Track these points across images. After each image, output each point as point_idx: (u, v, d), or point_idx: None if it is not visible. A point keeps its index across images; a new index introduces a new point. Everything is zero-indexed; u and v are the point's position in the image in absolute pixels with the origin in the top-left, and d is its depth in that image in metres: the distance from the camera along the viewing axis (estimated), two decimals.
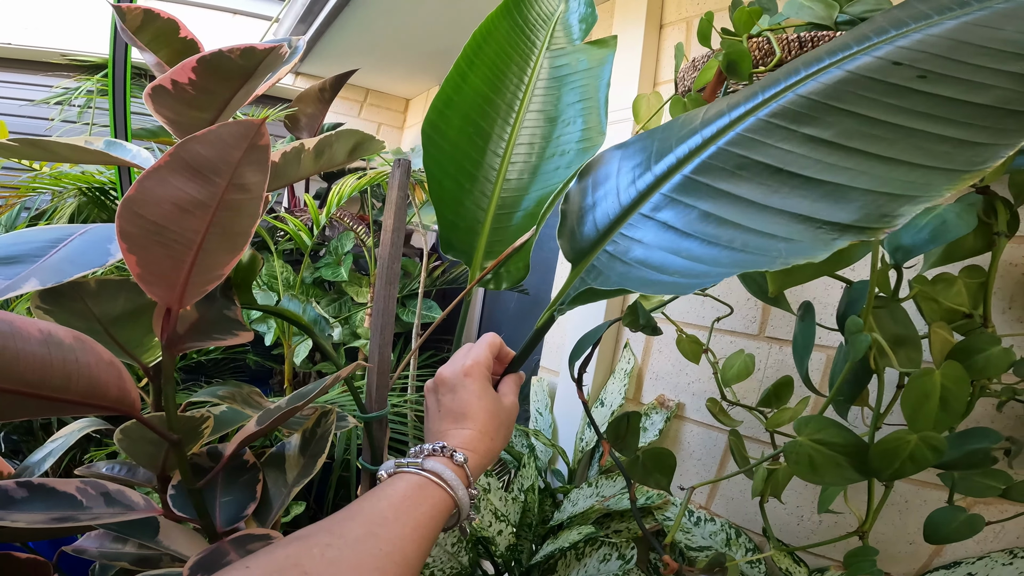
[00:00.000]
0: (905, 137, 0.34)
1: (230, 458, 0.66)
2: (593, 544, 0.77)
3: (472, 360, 0.52)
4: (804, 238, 0.34)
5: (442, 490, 0.42)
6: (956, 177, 0.32)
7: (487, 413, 0.49)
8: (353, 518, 0.37)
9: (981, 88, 0.34)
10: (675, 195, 0.42)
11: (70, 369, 0.44)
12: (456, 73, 0.72)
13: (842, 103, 0.37)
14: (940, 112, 0.34)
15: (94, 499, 0.53)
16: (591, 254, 0.47)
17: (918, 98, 0.35)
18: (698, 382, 0.98)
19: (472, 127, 0.73)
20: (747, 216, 0.37)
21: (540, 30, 0.80)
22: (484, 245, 0.70)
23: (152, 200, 0.48)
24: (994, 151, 0.32)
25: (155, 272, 0.50)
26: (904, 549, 0.73)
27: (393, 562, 0.35)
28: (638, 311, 0.64)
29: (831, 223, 0.34)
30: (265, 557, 0.33)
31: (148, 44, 0.72)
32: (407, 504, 0.39)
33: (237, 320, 0.69)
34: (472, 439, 0.47)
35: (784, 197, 0.36)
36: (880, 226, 0.32)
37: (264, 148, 0.52)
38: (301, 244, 1.38)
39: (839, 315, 0.53)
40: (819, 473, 0.47)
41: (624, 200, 0.46)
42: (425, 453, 0.45)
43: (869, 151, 0.35)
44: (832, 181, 0.35)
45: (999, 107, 0.33)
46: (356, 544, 0.35)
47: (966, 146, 0.33)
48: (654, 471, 0.61)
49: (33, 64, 2.02)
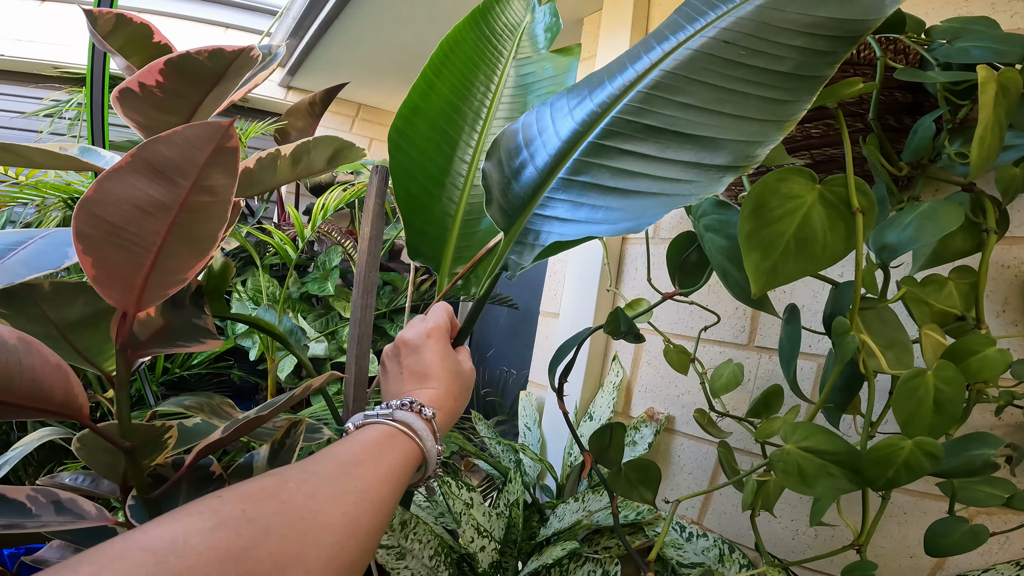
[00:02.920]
0: (743, 99, 0.44)
1: (194, 468, 0.63)
2: (577, 560, 0.74)
3: (432, 323, 0.52)
4: (702, 179, 0.43)
5: (411, 440, 0.42)
6: (781, 126, 0.42)
7: (450, 374, 0.50)
8: (326, 459, 0.36)
9: (780, 60, 0.44)
10: (588, 158, 0.50)
11: (12, 371, 0.42)
12: (423, 81, 0.74)
13: (698, 76, 0.47)
14: (760, 79, 0.45)
15: (44, 507, 0.51)
16: (521, 218, 0.52)
17: (745, 69, 0.45)
18: (688, 394, 0.96)
19: (439, 134, 0.74)
20: (652, 167, 0.46)
21: (507, 40, 0.83)
22: (452, 251, 0.70)
23: (110, 201, 0.46)
24: (797, 106, 0.43)
25: (111, 274, 0.48)
26: (904, 563, 0.70)
27: (369, 499, 0.35)
28: (620, 318, 0.62)
29: (715, 166, 0.43)
30: (238, 488, 0.31)
31: (120, 49, 0.71)
32: (379, 450, 0.39)
33: (206, 328, 0.66)
34: (438, 398, 0.48)
35: (676, 151, 0.45)
36: (747, 163, 0.42)
37: (232, 150, 0.50)
38: (286, 257, 1.36)
39: (825, 317, 0.51)
40: (809, 483, 0.44)
41: (541, 165, 0.52)
42: (395, 407, 0.44)
43: (723, 111, 0.45)
44: (707, 135, 0.45)
45: (794, 73, 0.44)
46: (332, 481, 0.34)
47: (780, 103, 0.43)
48: (638, 484, 0.59)
49: (24, 76, 2.01)
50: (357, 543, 0.33)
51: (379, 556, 0.73)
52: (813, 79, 0.43)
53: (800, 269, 0.47)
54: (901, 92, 0.65)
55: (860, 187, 0.46)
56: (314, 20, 1.84)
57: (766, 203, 0.47)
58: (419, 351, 0.51)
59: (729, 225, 0.52)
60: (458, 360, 0.52)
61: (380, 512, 0.35)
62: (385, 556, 0.74)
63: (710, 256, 0.55)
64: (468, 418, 1.26)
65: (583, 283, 1.12)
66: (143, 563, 0.24)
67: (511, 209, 0.53)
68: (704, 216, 0.54)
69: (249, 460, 0.68)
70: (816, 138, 0.66)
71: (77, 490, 0.69)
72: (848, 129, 0.67)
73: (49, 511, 0.52)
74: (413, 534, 0.79)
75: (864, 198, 0.47)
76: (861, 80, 0.48)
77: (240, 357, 1.56)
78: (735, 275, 0.52)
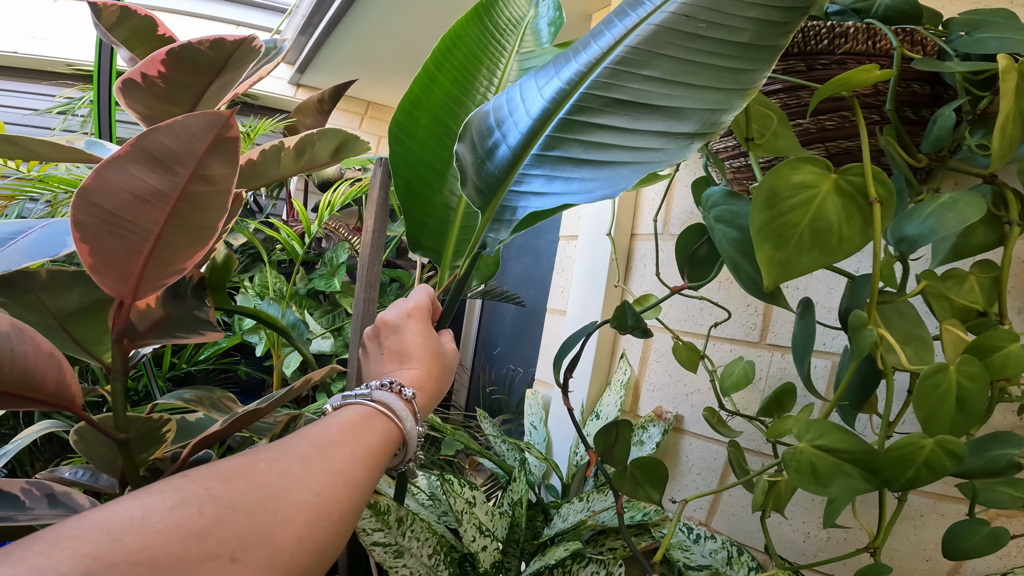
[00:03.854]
0: (706, 70, 0.46)
1: (192, 462, 0.62)
2: (580, 561, 0.72)
3: (413, 303, 0.52)
4: (672, 146, 0.44)
5: (390, 421, 0.41)
6: (743, 94, 0.44)
7: (431, 354, 0.49)
8: (301, 439, 0.35)
9: (738, 31, 0.46)
10: (560, 134, 0.50)
11: (3, 358, 0.41)
12: (424, 75, 0.73)
13: (661, 50, 0.48)
14: (720, 50, 0.46)
15: (37, 500, 0.50)
16: (497, 195, 0.53)
17: (705, 41, 0.47)
18: (697, 393, 0.94)
19: (441, 127, 0.74)
20: (624, 138, 0.47)
21: (510, 34, 0.82)
22: (454, 244, 0.68)
23: (108, 189, 0.45)
24: (758, 74, 0.44)
25: (108, 263, 0.47)
26: (920, 566, 0.68)
27: (344, 480, 0.33)
28: (626, 312, 0.60)
29: (684, 134, 0.44)
30: (207, 468, 0.30)
31: (124, 41, 0.71)
32: (357, 431, 0.38)
33: (207, 320, 0.66)
34: (419, 378, 0.47)
35: (645, 122, 0.46)
36: (714, 130, 0.43)
37: (232, 140, 0.50)
38: (292, 253, 1.35)
39: (841, 312, 0.49)
40: (823, 483, 0.42)
41: (514, 144, 0.53)
42: (375, 387, 0.43)
43: (688, 82, 0.46)
44: (673, 106, 0.46)
45: (752, 43, 0.45)
46: (305, 461, 0.33)
47: (741, 72, 0.45)
48: (644, 483, 0.57)
49: (38, 73, 2.03)
50: (331, 523, 0.32)
51: (376, 554, 0.72)
52: (770, 48, 0.45)
53: (814, 261, 0.46)
54: (919, 84, 0.63)
55: (877, 176, 0.45)
56: (323, 17, 1.83)
57: (779, 193, 0.46)
58: (399, 331, 0.50)
59: (740, 216, 0.50)
60: (440, 341, 0.52)
61: (355, 493, 0.34)
62: (383, 554, 0.73)
63: (720, 248, 0.53)
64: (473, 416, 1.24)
65: (591, 280, 1.10)
66: (96, 540, 0.23)
67: (486, 188, 0.53)
68: (714, 207, 0.52)
69: None
70: (831, 130, 0.64)
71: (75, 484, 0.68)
72: (864, 122, 0.65)
73: (43, 504, 0.51)
74: (410, 532, 0.77)
75: (882, 187, 0.45)
76: (877, 67, 0.46)
77: (247, 353, 1.56)
78: (746, 268, 0.50)
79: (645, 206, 1.08)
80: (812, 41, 0.61)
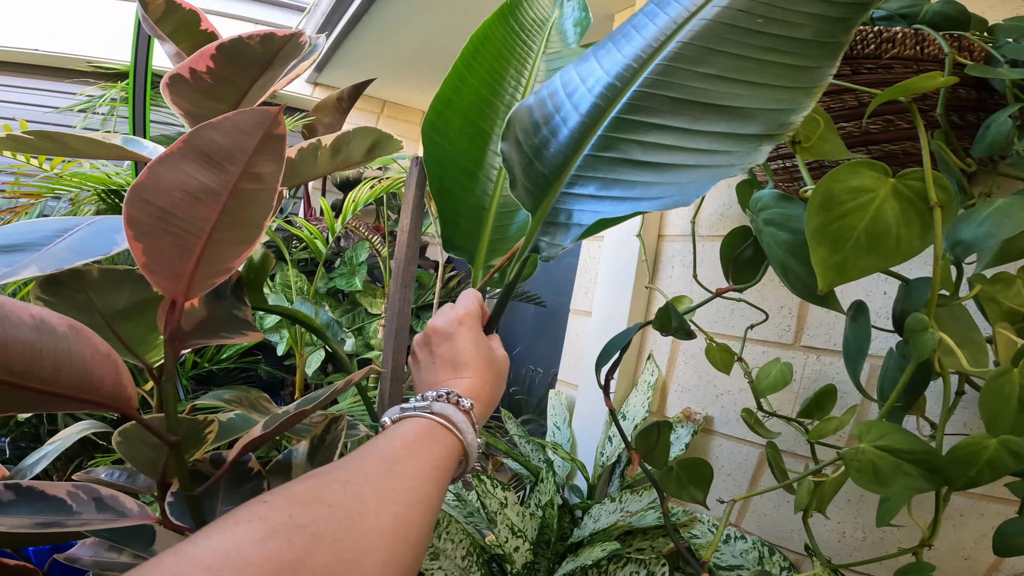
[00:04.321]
0: (767, 68, 0.44)
1: (233, 465, 0.62)
2: (618, 562, 0.72)
3: (464, 309, 0.51)
4: (740, 148, 0.42)
5: (452, 434, 0.40)
6: (810, 92, 0.42)
7: (484, 361, 0.48)
8: (368, 456, 0.35)
9: (799, 27, 0.44)
10: (615, 134, 0.48)
11: (61, 359, 0.41)
12: (454, 75, 0.73)
13: (717, 46, 0.46)
14: (780, 46, 0.44)
15: (85, 504, 0.50)
16: (548, 197, 0.51)
17: (764, 37, 0.44)
18: (728, 394, 0.93)
19: (471, 127, 0.73)
20: (686, 139, 0.44)
21: (536, 34, 0.82)
22: (487, 244, 0.68)
23: (162, 187, 0.45)
24: (821, 72, 0.42)
25: (161, 261, 0.47)
26: (959, 564, 0.68)
27: (416, 497, 0.33)
28: (670, 313, 0.60)
29: (751, 135, 0.42)
30: (284, 491, 0.30)
31: (170, 35, 0.71)
32: (420, 445, 0.38)
33: (247, 320, 0.66)
34: (475, 387, 0.46)
35: (708, 122, 0.44)
36: (783, 131, 0.41)
37: (280, 137, 0.50)
38: (316, 252, 1.36)
39: (895, 315, 0.49)
40: (884, 482, 0.42)
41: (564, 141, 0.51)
42: (432, 398, 0.43)
43: (749, 80, 0.44)
44: (736, 105, 0.44)
45: (814, 40, 0.43)
46: (377, 480, 0.33)
47: (805, 70, 0.42)
48: (689, 484, 0.57)
49: (59, 71, 2.03)
50: (409, 546, 0.31)
51: None
52: (833, 44, 0.42)
53: (871, 264, 0.45)
54: (965, 89, 0.63)
55: (938, 180, 0.44)
56: (342, 16, 1.84)
57: (836, 196, 0.45)
58: (452, 339, 0.49)
59: (793, 219, 0.50)
60: (491, 347, 0.50)
61: (428, 510, 0.34)
62: None
63: (769, 251, 0.53)
64: (497, 416, 1.25)
65: (617, 281, 1.10)
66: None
67: (535, 189, 0.51)
68: (764, 210, 0.52)
69: (288, 456, 0.67)
70: (875, 133, 0.64)
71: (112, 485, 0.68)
72: (908, 126, 0.65)
73: (90, 508, 0.50)
74: (446, 533, 0.77)
75: (942, 191, 0.44)
76: (941, 74, 0.45)
77: (267, 352, 1.56)
78: (797, 271, 0.50)
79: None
80: (859, 45, 0.60)
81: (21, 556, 0.62)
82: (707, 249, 0.96)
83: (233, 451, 0.58)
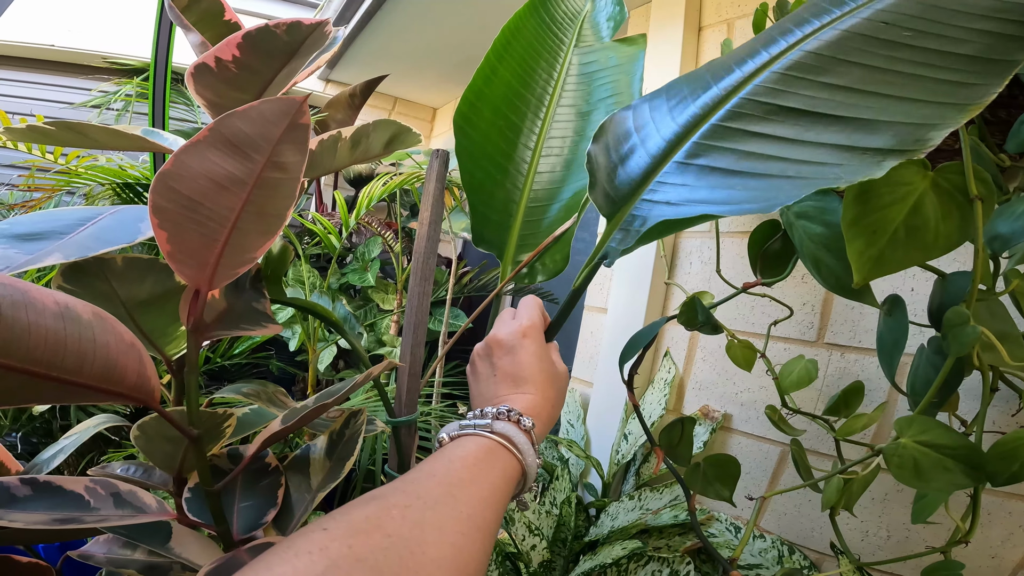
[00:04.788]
0: (912, 81, 0.40)
1: (252, 460, 0.62)
2: (639, 560, 0.71)
3: (528, 320, 0.49)
4: (853, 162, 0.39)
5: (512, 456, 0.39)
6: (964, 109, 0.38)
7: (547, 377, 0.46)
8: (427, 479, 0.34)
9: (961, 42, 0.41)
10: (708, 141, 0.46)
11: (86, 348, 0.40)
12: (486, 66, 0.72)
13: (848, 56, 0.43)
14: (933, 61, 0.41)
15: (103, 500, 0.49)
16: (628, 204, 0.49)
17: (912, 51, 0.41)
18: (747, 392, 0.92)
19: (502, 120, 0.72)
20: (789, 150, 0.41)
21: (568, 28, 0.81)
22: (516, 238, 0.68)
23: (188, 175, 0.45)
24: (986, 89, 0.38)
25: (186, 250, 0.47)
26: (986, 563, 0.68)
27: (475, 526, 0.32)
28: (696, 308, 0.59)
29: (872, 148, 0.39)
30: (343, 518, 0.30)
31: (195, 24, 0.71)
32: (479, 467, 0.36)
33: (266, 313, 0.65)
34: (536, 404, 0.44)
35: (819, 133, 0.41)
36: (917, 148, 0.37)
37: (304, 127, 0.49)
38: (330, 246, 1.35)
39: (932, 309, 0.48)
40: (925, 478, 0.41)
41: (654, 151, 0.49)
42: (492, 415, 0.41)
43: (885, 93, 0.41)
44: (860, 117, 0.40)
45: (980, 56, 0.40)
46: (436, 506, 0.32)
47: (963, 86, 0.39)
48: (715, 481, 0.56)
49: (74, 67, 2.04)
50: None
51: None
52: (1004, 63, 0.39)
53: (909, 258, 0.44)
54: None
55: (978, 174, 0.43)
56: (354, 13, 1.83)
57: (874, 189, 0.45)
58: (514, 352, 0.47)
59: (827, 212, 0.49)
60: (553, 361, 0.48)
61: (486, 539, 0.33)
62: None
63: (800, 245, 0.52)
64: None
65: (634, 277, 1.09)
66: None
67: (617, 196, 0.49)
68: (796, 204, 0.51)
69: (306, 452, 0.66)
70: None
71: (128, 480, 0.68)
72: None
73: (108, 504, 0.50)
74: None
75: (982, 185, 0.43)
76: None
77: (279, 348, 1.56)
78: (831, 264, 0.49)
79: None
80: None
81: (33, 553, 0.61)
82: (727, 246, 0.95)
83: (253, 445, 0.57)
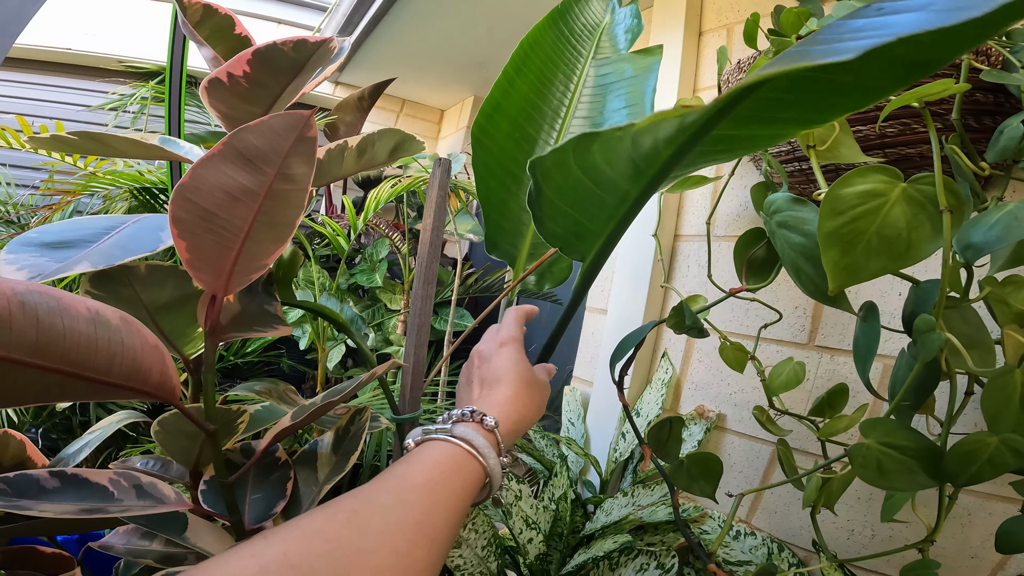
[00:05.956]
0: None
1: (263, 454, 0.65)
2: (629, 554, 0.74)
3: (508, 334, 0.52)
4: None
5: (473, 459, 0.38)
6: None
7: (519, 378, 0.47)
8: (383, 484, 0.34)
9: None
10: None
11: (114, 351, 0.44)
12: (504, 79, 0.74)
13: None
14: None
15: (126, 491, 0.53)
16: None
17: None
18: (740, 392, 0.95)
19: (519, 132, 0.74)
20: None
21: (586, 40, 0.82)
22: (528, 247, 0.70)
23: (204, 187, 0.48)
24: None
25: (203, 258, 0.50)
26: (966, 563, 0.69)
27: (424, 533, 0.32)
28: (684, 312, 0.62)
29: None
30: (295, 523, 0.30)
31: (207, 39, 0.74)
32: (438, 472, 0.36)
33: (277, 315, 0.69)
34: (503, 403, 0.44)
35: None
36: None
37: (312, 140, 0.52)
38: (339, 248, 1.39)
39: (905, 316, 0.50)
40: (888, 478, 0.44)
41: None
42: (454, 419, 0.42)
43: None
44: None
45: None
46: (385, 512, 0.31)
47: None
48: (699, 478, 0.59)
49: (91, 70, 2.09)
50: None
51: None
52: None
53: (881, 267, 0.47)
54: (982, 93, 0.64)
55: (949, 185, 0.46)
56: (363, 17, 1.87)
57: (847, 199, 0.47)
58: (490, 359, 0.50)
59: (805, 222, 0.51)
60: (531, 368, 0.50)
61: (437, 546, 0.32)
62: None
63: (782, 253, 0.54)
64: None
65: (633, 279, 1.12)
66: None
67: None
68: (778, 213, 0.54)
69: (313, 447, 0.70)
70: (891, 137, 0.65)
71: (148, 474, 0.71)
72: (924, 129, 0.66)
73: (131, 495, 0.53)
74: (471, 523, 0.80)
75: (953, 196, 0.46)
76: (953, 81, 0.47)
77: (289, 346, 1.60)
78: (809, 272, 0.52)
79: (689, 207, 1.09)
80: None
81: (56, 544, 0.65)
82: (722, 249, 0.98)
83: (264, 440, 0.61)
